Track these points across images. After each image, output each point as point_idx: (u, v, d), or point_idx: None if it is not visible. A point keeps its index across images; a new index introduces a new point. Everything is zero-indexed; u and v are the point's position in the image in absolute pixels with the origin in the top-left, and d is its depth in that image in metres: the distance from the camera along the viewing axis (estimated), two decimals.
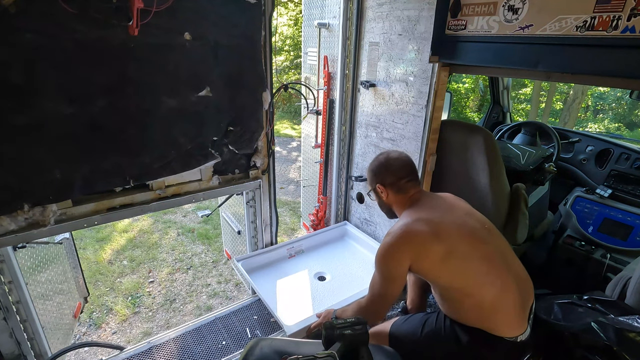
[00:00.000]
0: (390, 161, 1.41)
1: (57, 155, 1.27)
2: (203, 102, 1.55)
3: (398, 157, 1.42)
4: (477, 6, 1.42)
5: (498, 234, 1.34)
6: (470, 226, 1.26)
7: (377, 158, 1.46)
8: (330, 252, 2.33)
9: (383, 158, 1.44)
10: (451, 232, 1.21)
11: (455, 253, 1.19)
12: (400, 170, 1.39)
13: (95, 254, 3.16)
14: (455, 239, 1.20)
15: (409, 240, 1.21)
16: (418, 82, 1.79)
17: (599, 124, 8.86)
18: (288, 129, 8.15)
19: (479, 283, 1.18)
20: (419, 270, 1.24)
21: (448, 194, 1.45)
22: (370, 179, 1.47)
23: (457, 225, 1.23)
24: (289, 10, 8.47)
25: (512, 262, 1.28)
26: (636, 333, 1.13)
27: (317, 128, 2.50)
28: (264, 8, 1.61)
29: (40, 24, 1.11)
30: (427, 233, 1.20)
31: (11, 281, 1.39)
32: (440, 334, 1.29)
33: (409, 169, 1.40)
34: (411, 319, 1.42)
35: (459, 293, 1.21)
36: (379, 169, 1.43)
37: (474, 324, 1.22)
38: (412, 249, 1.20)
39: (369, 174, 1.48)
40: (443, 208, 1.31)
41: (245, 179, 1.89)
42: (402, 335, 1.38)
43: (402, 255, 1.21)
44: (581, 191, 2.31)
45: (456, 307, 1.26)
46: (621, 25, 1.07)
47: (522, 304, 1.22)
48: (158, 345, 1.71)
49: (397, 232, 1.24)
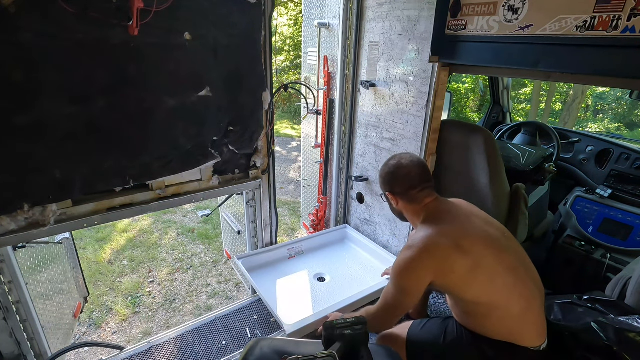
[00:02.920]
0: (401, 169, 1.32)
1: (57, 155, 1.26)
2: (203, 102, 1.54)
3: (409, 165, 1.31)
4: (477, 6, 1.42)
5: (515, 240, 1.28)
6: (493, 236, 1.20)
7: (388, 164, 1.37)
8: (330, 253, 2.33)
9: (393, 165, 1.34)
10: (475, 244, 1.15)
11: (482, 266, 1.13)
12: (412, 179, 1.29)
13: (95, 254, 3.16)
14: (480, 252, 1.14)
15: (432, 255, 1.14)
16: (418, 82, 1.79)
17: (599, 124, 8.86)
18: (288, 129, 8.15)
19: (506, 296, 1.13)
20: (443, 286, 1.17)
21: (460, 200, 1.37)
22: (381, 184, 1.40)
23: (480, 237, 1.17)
24: (289, 10, 8.47)
25: (531, 269, 1.23)
26: (636, 333, 1.13)
27: (317, 128, 2.50)
28: (264, 8, 1.61)
29: (40, 24, 1.11)
30: (451, 247, 1.13)
31: (11, 281, 1.38)
32: (461, 343, 1.24)
33: (422, 177, 1.30)
34: (429, 326, 1.37)
35: (486, 307, 1.16)
36: (388, 177, 1.35)
37: (500, 337, 1.17)
38: (435, 265, 1.13)
39: (379, 179, 1.40)
40: (462, 218, 1.23)
41: (245, 179, 1.89)
42: (422, 342, 1.32)
43: (424, 272, 1.14)
44: (581, 191, 2.31)
45: (481, 322, 1.20)
46: (621, 25, 1.07)
47: (543, 311, 1.20)
48: (158, 345, 1.71)
49: (420, 245, 1.15)
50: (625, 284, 1.41)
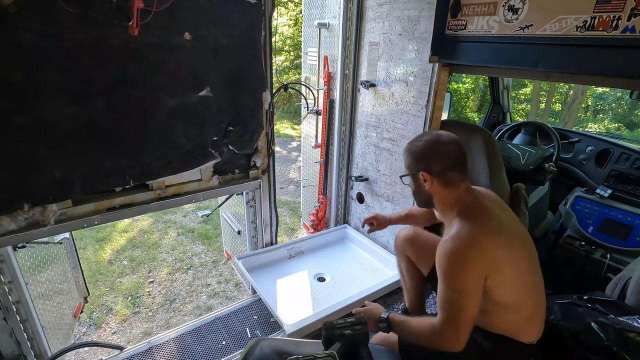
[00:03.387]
0: (442, 145, 1.13)
1: (57, 155, 1.26)
2: (203, 102, 1.54)
3: (450, 142, 1.13)
4: (477, 6, 1.42)
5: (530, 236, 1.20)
6: (523, 234, 1.13)
7: (421, 139, 1.17)
8: (330, 253, 2.33)
9: (431, 141, 1.14)
10: (513, 241, 1.07)
11: (519, 266, 1.06)
12: (454, 158, 1.12)
13: (95, 254, 3.16)
14: (518, 251, 1.07)
15: (482, 251, 1.01)
16: (418, 82, 1.79)
17: (599, 124, 8.86)
18: (288, 129, 8.15)
19: (527, 296, 1.10)
20: (485, 286, 1.05)
21: (486, 190, 1.25)
22: (411, 162, 1.19)
23: (514, 234, 1.10)
24: (289, 10, 8.47)
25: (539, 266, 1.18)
26: (636, 333, 1.13)
27: (317, 128, 2.50)
28: (264, 8, 1.61)
29: (40, 24, 1.11)
30: (499, 245, 1.03)
31: (11, 281, 1.39)
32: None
33: (462, 158, 1.14)
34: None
35: (501, 306, 1.09)
36: (427, 152, 1.14)
37: (500, 332, 1.13)
38: (484, 262, 1.01)
39: (410, 156, 1.19)
40: (496, 211, 1.12)
41: (245, 179, 1.89)
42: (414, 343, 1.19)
43: (474, 265, 1.01)
44: (581, 191, 2.31)
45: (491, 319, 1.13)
46: (621, 25, 1.07)
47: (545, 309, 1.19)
48: (158, 345, 1.71)
49: (466, 237, 1.02)
50: (625, 284, 1.41)
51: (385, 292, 1.92)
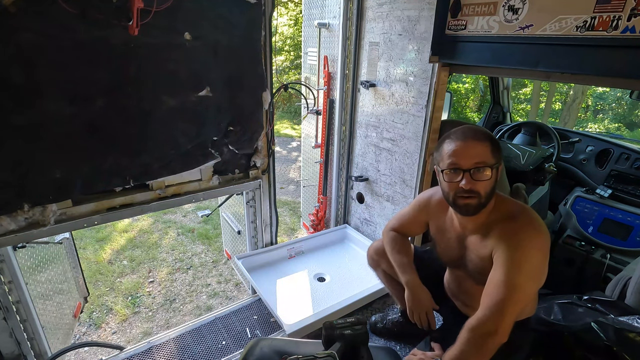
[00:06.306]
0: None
1: (57, 155, 1.27)
2: (203, 102, 1.54)
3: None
4: (477, 6, 1.42)
5: None
6: None
7: (480, 129, 1.10)
8: (330, 253, 2.33)
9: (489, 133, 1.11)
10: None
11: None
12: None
13: (95, 254, 3.16)
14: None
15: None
16: (418, 82, 1.79)
17: (599, 124, 8.86)
18: (288, 129, 8.15)
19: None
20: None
21: None
22: (497, 152, 1.09)
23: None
24: (289, 10, 8.47)
25: None
26: (636, 333, 1.13)
27: (317, 128, 2.50)
28: (264, 8, 1.61)
29: (41, 24, 1.11)
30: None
31: (11, 281, 1.38)
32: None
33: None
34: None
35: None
36: (498, 142, 1.10)
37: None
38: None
39: (494, 144, 1.08)
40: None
41: (245, 179, 1.89)
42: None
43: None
44: (581, 191, 2.31)
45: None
46: (621, 25, 1.07)
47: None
48: (158, 345, 1.71)
49: (544, 229, 1.04)
50: (625, 284, 1.41)
51: (385, 292, 1.92)
